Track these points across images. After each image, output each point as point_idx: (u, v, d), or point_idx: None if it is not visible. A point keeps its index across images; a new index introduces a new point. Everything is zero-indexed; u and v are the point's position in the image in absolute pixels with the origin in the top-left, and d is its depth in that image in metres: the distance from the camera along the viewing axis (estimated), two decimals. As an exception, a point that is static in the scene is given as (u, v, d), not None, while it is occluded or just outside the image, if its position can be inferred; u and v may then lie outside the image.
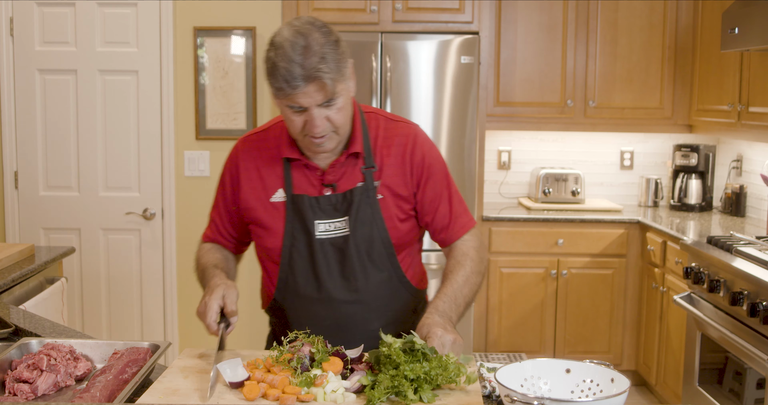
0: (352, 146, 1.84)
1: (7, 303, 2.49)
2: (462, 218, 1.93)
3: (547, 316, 4.38)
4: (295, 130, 1.76)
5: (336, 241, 1.85)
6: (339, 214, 1.85)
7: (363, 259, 1.85)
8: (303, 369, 1.63)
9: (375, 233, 1.85)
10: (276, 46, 1.69)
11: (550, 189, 4.63)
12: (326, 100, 1.70)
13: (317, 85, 1.67)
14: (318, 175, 1.86)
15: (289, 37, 1.68)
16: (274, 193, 1.88)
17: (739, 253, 3.12)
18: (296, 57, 1.65)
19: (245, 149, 1.93)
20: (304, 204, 1.84)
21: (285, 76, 1.65)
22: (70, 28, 4.23)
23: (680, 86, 4.53)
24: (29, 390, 1.60)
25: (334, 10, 4.14)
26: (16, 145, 4.29)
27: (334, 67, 1.68)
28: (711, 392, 3.24)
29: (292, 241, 1.86)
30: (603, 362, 1.54)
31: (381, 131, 1.89)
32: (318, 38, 1.68)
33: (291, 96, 1.68)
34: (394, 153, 1.88)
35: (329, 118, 1.73)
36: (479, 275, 1.89)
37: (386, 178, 1.86)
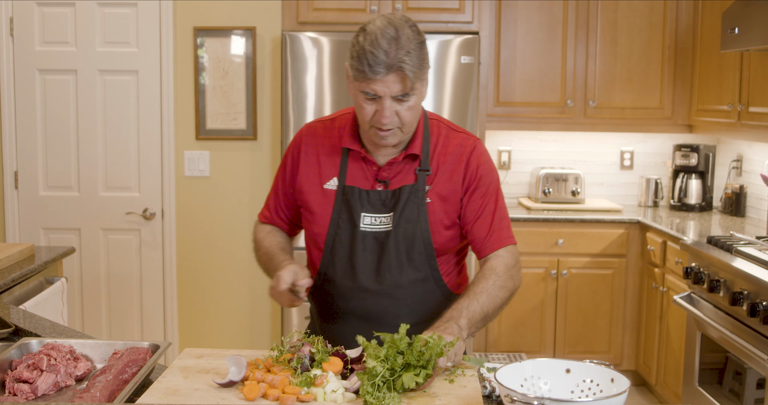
0: (411, 148, 1.90)
1: (7, 303, 2.49)
2: (500, 233, 1.96)
3: (547, 316, 4.38)
4: (365, 118, 1.81)
5: (378, 235, 1.90)
6: (386, 210, 1.90)
7: (401, 257, 1.90)
8: (303, 369, 1.63)
9: (417, 233, 1.90)
10: (367, 32, 1.76)
11: (550, 189, 4.63)
12: (401, 93, 1.76)
13: (398, 76, 1.74)
14: (374, 170, 1.92)
15: (381, 26, 1.75)
16: (328, 181, 1.95)
17: (739, 253, 3.12)
18: (384, 45, 1.72)
19: (309, 134, 2.01)
20: (354, 195, 1.90)
21: (370, 60, 1.72)
22: (70, 28, 4.23)
23: (680, 86, 4.53)
24: (29, 390, 1.60)
25: (334, 10, 4.15)
26: (16, 145, 4.29)
27: (416, 63, 1.75)
28: (711, 392, 3.24)
29: (336, 230, 1.92)
30: (603, 362, 1.55)
31: (441, 138, 1.95)
32: (408, 33, 1.75)
33: (369, 81, 1.74)
34: (449, 161, 1.93)
35: (399, 113, 1.79)
36: (504, 290, 1.89)
37: (438, 184, 1.92)
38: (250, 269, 4.37)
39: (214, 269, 4.42)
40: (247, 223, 4.38)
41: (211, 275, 4.43)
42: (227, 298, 4.44)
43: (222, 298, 4.44)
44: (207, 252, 4.41)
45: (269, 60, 4.31)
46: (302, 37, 4.04)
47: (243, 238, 4.37)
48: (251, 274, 4.38)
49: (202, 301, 4.43)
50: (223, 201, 4.36)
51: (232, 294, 4.43)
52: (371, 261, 1.90)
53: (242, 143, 4.33)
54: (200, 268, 4.42)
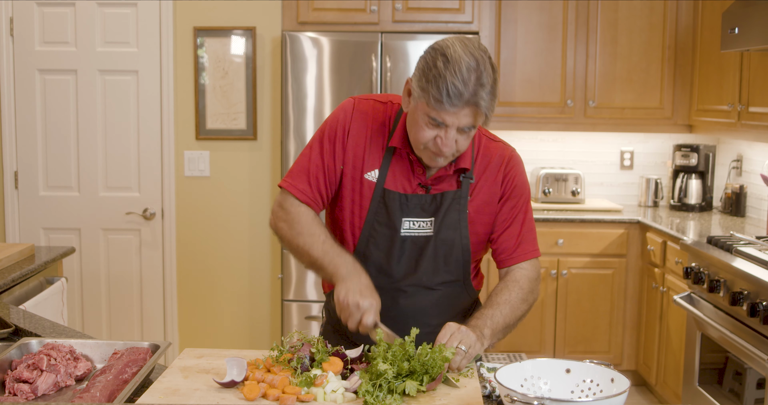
0: (461, 162, 1.87)
1: (7, 303, 2.49)
2: (527, 245, 1.96)
3: (547, 316, 4.38)
4: (421, 140, 1.76)
5: (417, 240, 1.88)
6: (426, 214, 1.88)
7: (439, 262, 1.89)
8: (303, 369, 1.63)
9: (457, 239, 1.89)
10: (449, 59, 1.67)
11: (550, 189, 4.63)
12: (470, 126, 1.74)
13: (472, 110, 1.71)
14: (419, 173, 1.87)
15: (464, 55, 1.68)
16: (370, 171, 1.87)
17: (739, 253, 3.12)
18: (466, 77, 1.67)
19: (361, 111, 1.89)
20: (394, 201, 1.86)
21: (451, 91, 1.66)
22: (70, 28, 4.23)
23: (680, 86, 4.53)
24: (29, 390, 1.60)
25: (334, 10, 4.14)
26: (16, 145, 4.29)
27: (491, 101, 1.72)
28: (711, 392, 3.24)
29: (372, 232, 1.88)
30: (603, 362, 1.55)
31: (482, 149, 1.94)
32: (489, 69, 1.71)
33: (442, 112, 1.69)
34: (490, 171, 1.92)
35: (458, 141, 1.76)
36: (525, 304, 1.91)
37: (477, 195, 1.91)
38: (251, 269, 4.37)
39: (214, 269, 4.42)
40: (247, 223, 4.38)
41: (211, 275, 4.43)
42: (227, 298, 4.44)
43: (222, 298, 4.44)
44: (207, 252, 4.41)
45: (269, 60, 4.30)
46: (302, 37, 4.04)
47: (243, 238, 4.37)
48: (251, 273, 4.38)
49: (202, 301, 4.43)
50: (223, 201, 4.36)
51: (232, 294, 4.43)
52: (408, 264, 1.89)
53: (242, 143, 4.33)
54: (200, 268, 4.42)
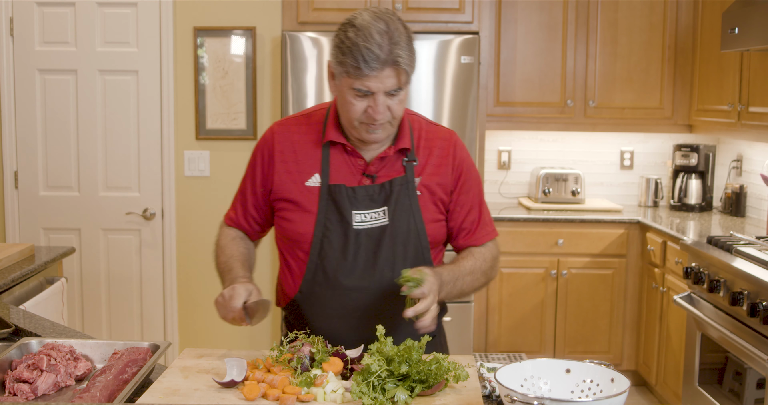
0: (400, 142, 1.88)
1: (7, 303, 2.49)
2: (488, 227, 1.99)
3: (547, 316, 4.38)
4: (354, 115, 1.77)
5: (372, 232, 1.86)
6: (376, 205, 1.87)
7: (397, 251, 1.87)
8: (303, 369, 1.63)
9: (412, 225, 1.88)
10: (357, 27, 1.71)
11: (550, 189, 4.63)
12: (395, 88, 1.74)
13: (393, 70, 1.71)
14: (360, 164, 1.88)
15: (371, 20, 1.72)
16: (309, 178, 1.89)
17: (739, 253, 3.12)
18: (379, 40, 1.69)
19: (282, 132, 1.94)
20: (341, 194, 1.85)
21: (365, 56, 1.68)
22: (70, 28, 4.23)
23: (680, 86, 4.53)
24: (29, 390, 1.60)
25: (334, 10, 4.14)
26: (16, 145, 4.29)
27: (409, 56, 1.73)
28: (711, 392, 3.24)
29: (324, 231, 1.86)
30: (603, 362, 1.54)
31: (423, 133, 1.94)
32: (399, 27, 1.73)
33: (364, 78, 1.70)
34: (435, 154, 1.92)
35: (390, 107, 1.77)
36: (485, 277, 1.95)
37: (426, 176, 1.90)
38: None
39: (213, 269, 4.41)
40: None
41: (211, 275, 4.40)
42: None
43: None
44: (207, 252, 4.40)
45: (269, 60, 4.31)
46: (302, 37, 4.04)
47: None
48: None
49: (202, 301, 4.43)
50: (223, 201, 4.34)
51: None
52: (366, 259, 1.86)
53: (242, 143, 4.33)
54: (200, 268, 4.42)
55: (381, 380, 1.54)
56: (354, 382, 1.54)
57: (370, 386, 1.52)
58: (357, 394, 1.50)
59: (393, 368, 1.55)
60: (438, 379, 1.56)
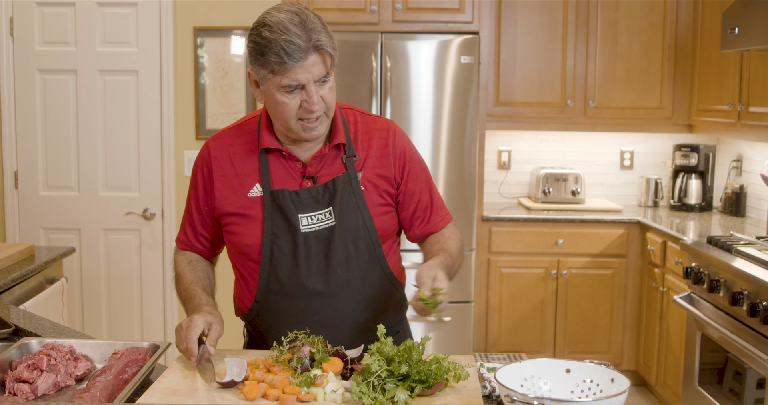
0: (335, 138, 1.84)
1: (7, 303, 2.49)
2: (442, 211, 1.97)
3: (547, 316, 4.38)
4: (289, 114, 1.74)
5: (321, 233, 1.83)
6: (321, 206, 1.83)
7: (349, 250, 1.84)
8: (303, 369, 1.63)
9: (360, 222, 1.84)
10: (270, 25, 1.68)
11: (550, 189, 4.63)
12: (324, 74, 1.71)
13: (318, 56, 1.69)
14: (299, 167, 1.84)
15: (282, 15, 1.69)
16: (251, 189, 1.85)
17: (739, 253, 3.12)
18: (295, 30, 1.66)
19: (217, 147, 1.90)
20: (285, 199, 1.81)
21: (286, 48, 1.65)
22: (70, 28, 4.23)
23: (680, 86, 4.53)
24: (29, 390, 1.60)
25: (334, 10, 4.14)
26: (16, 145, 4.29)
27: (329, 39, 1.71)
28: (711, 392, 3.24)
29: (273, 238, 1.83)
30: (603, 362, 1.54)
31: (360, 125, 1.91)
32: (310, 15, 1.71)
33: (290, 71, 1.67)
34: (375, 146, 1.89)
35: (323, 97, 1.73)
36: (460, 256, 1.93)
37: (368, 169, 1.87)
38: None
39: (214, 269, 4.42)
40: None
41: (211, 275, 4.42)
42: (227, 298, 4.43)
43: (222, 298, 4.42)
44: (207, 252, 4.41)
45: (269, 60, 4.30)
46: (302, 37, 4.04)
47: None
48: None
49: (202, 301, 4.43)
50: (223, 201, 4.36)
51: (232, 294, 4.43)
52: (318, 262, 1.83)
53: (242, 143, 4.33)
54: (200, 268, 4.42)
55: (381, 380, 1.53)
56: (354, 382, 1.54)
57: (370, 386, 1.52)
58: (357, 394, 1.50)
59: (393, 368, 1.55)
60: (438, 379, 1.56)
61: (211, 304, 1.86)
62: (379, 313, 1.89)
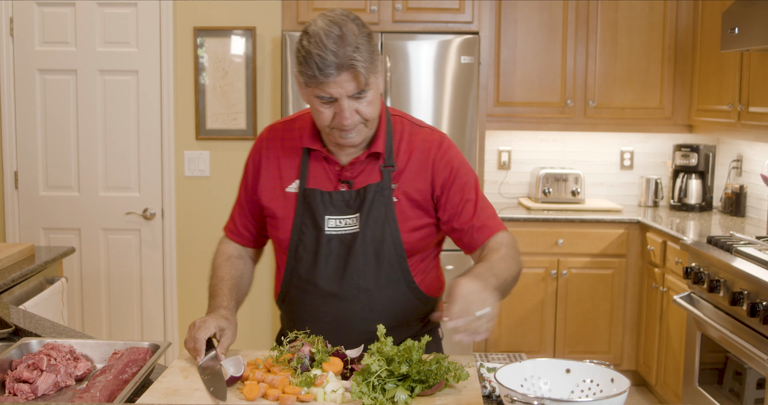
0: (374, 146, 1.83)
1: (7, 303, 2.49)
2: (490, 222, 1.87)
3: (547, 316, 4.38)
4: (323, 122, 1.75)
5: (344, 238, 1.83)
6: (350, 211, 1.83)
7: (369, 259, 1.82)
8: (303, 369, 1.63)
9: (386, 233, 1.82)
10: (310, 34, 1.68)
11: (550, 189, 4.63)
12: (357, 91, 1.70)
13: (350, 74, 1.67)
14: (336, 170, 1.85)
15: (323, 26, 1.68)
16: (290, 184, 1.88)
17: (739, 253, 3.12)
18: (331, 45, 1.65)
19: (269, 138, 1.94)
20: (316, 198, 1.84)
21: (318, 63, 1.65)
22: (70, 28, 4.23)
23: (680, 86, 4.53)
24: (29, 390, 1.60)
25: (334, 10, 4.14)
26: (16, 145, 4.29)
27: (367, 57, 1.68)
28: (711, 392, 3.24)
29: (300, 235, 1.86)
30: (603, 362, 1.54)
31: (405, 135, 1.88)
32: (353, 29, 1.69)
33: (322, 85, 1.68)
34: (415, 158, 1.85)
35: (359, 111, 1.73)
36: (516, 263, 1.81)
37: (404, 182, 1.84)
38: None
39: (214, 269, 4.42)
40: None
41: (211, 275, 4.42)
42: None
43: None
44: (207, 252, 4.39)
45: (269, 60, 4.31)
46: (302, 37, 4.04)
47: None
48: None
49: (202, 301, 4.41)
50: (223, 201, 4.36)
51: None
52: (337, 265, 1.83)
53: (242, 143, 4.33)
54: (200, 268, 4.42)
55: (381, 380, 1.53)
56: (354, 382, 1.54)
57: (370, 386, 1.52)
58: (357, 394, 1.50)
59: (393, 368, 1.55)
60: (438, 379, 1.56)
61: (229, 309, 1.86)
62: (397, 324, 1.86)
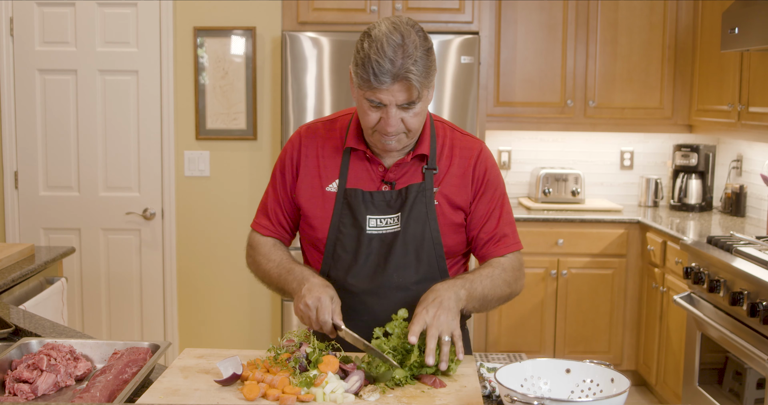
0: (420, 148, 1.86)
1: (7, 303, 2.49)
2: (507, 239, 1.93)
3: (547, 316, 4.38)
4: (368, 124, 1.77)
5: (385, 237, 1.86)
6: (392, 211, 1.86)
7: (409, 258, 1.86)
8: (301, 369, 1.64)
9: (427, 233, 1.86)
10: (372, 38, 1.69)
11: (550, 189, 4.63)
12: (407, 102, 1.72)
13: (403, 85, 1.69)
14: (380, 170, 1.88)
15: (386, 32, 1.69)
16: (330, 183, 1.89)
17: (739, 253, 3.12)
18: (390, 53, 1.67)
19: (309, 136, 1.95)
20: (357, 198, 1.85)
21: (375, 69, 1.67)
22: (70, 28, 4.23)
23: (680, 86, 4.53)
24: (29, 390, 1.60)
25: (334, 10, 4.14)
26: (16, 145, 4.29)
27: (423, 71, 1.70)
28: (711, 392, 3.24)
29: (338, 234, 1.87)
30: (603, 362, 1.54)
31: (447, 140, 1.92)
32: (415, 40, 1.69)
33: (375, 91, 1.70)
34: (456, 164, 1.90)
35: (404, 120, 1.75)
36: (506, 286, 1.88)
37: (445, 187, 1.88)
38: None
39: (214, 269, 4.42)
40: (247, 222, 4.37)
41: (211, 275, 4.43)
42: (227, 298, 4.44)
43: (222, 298, 4.44)
44: (207, 252, 4.41)
45: (269, 60, 4.31)
46: (302, 37, 4.04)
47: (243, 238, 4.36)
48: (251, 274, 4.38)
49: (202, 301, 4.43)
50: (223, 201, 4.36)
51: (232, 294, 4.43)
52: (377, 263, 1.86)
53: (242, 143, 4.33)
54: (200, 268, 4.42)
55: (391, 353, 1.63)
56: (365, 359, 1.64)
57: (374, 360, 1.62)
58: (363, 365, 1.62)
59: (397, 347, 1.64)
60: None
61: (315, 275, 1.86)
62: None
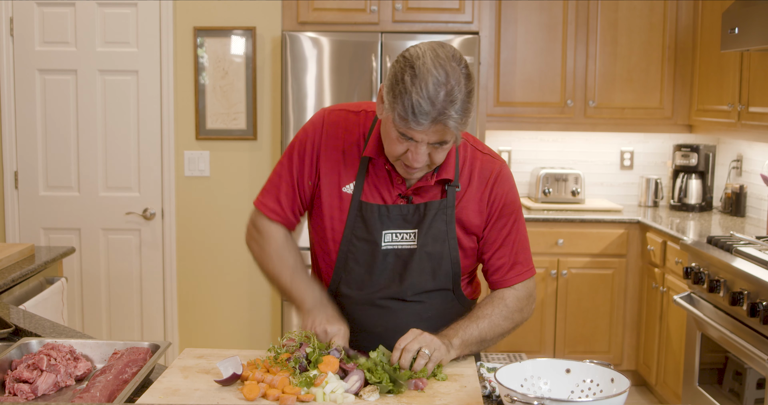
0: (444, 172, 1.78)
1: (7, 303, 2.49)
2: (520, 267, 1.88)
3: (547, 316, 4.38)
4: (393, 154, 1.69)
5: (401, 253, 1.80)
6: (408, 226, 1.79)
7: (425, 276, 1.81)
8: (301, 369, 1.63)
9: (445, 252, 1.80)
10: (416, 72, 1.58)
11: (550, 189, 4.63)
12: (439, 142, 1.64)
13: (440, 127, 1.60)
14: (398, 183, 1.79)
15: (431, 68, 1.58)
16: (347, 184, 1.81)
17: (739, 253, 3.12)
18: (432, 94, 1.57)
19: (332, 124, 1.84)
20: (372, 214, 1.79)
21: (415, 109, 1.57)
22: (70, 28, 4.23)
23: (680, 86, 4.53)
24: (29, 390, 1.60)
25: (334, 10, 4.14)
26: (16, 145, 4.29)
27: (462, 115, 1.61)
28: (711, 392, 3.24)
29: (350, 247, 1.81)
30: (603, 362, 1.54)
31: (468, 160, 1.84)
32: (459, 80, 1.60)
33: (410, 129, 1.61)
34: (475, 187, 1.83)
35: (431, 155, 1.68)
36: (508, 321, 1.84)
37: (461, 210, 1.82)
38: (250, 269, 4.37)
39: (214, 269, 4.42)
40: (247, 223, 4.38)
41: (211, 275, 4.43)
42: (227, 298, 4.44)
43: (222, 298, 4.44)
44: (207, 252, 4.41)
45: (269, 60, 4.30)
46: (302, 37, 4.04)
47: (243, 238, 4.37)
48: (251, 274, 4.38)
49: (202, 301, 4.43)
50: (223, 201, 4.36)
51: (232, 294, 4.43)
52: (391, 279, 1.81)
53: (242, 143, 4.33)
54: (200, 268, 4.42)
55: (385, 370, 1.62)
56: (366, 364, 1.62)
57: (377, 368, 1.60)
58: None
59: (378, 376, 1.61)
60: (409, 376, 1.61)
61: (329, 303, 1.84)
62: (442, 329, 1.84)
